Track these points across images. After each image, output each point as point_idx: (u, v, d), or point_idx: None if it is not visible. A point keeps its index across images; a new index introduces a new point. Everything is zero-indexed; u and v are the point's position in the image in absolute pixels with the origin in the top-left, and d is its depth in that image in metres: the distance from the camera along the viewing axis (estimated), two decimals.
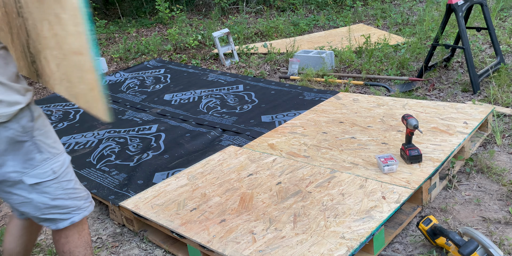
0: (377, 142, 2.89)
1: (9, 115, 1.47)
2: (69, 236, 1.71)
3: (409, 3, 7.94)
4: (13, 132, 1.48)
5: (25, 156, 1.53)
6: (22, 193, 1.57)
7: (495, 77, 3.95)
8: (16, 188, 1.56)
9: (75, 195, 1.68)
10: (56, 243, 1.73)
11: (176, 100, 4.27)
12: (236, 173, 2.72)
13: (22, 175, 1.54)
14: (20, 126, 1.50)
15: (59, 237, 1.71)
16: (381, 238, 2.10)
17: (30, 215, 1.65)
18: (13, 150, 1.50)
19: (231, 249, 2.02)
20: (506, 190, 2.52)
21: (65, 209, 1.66)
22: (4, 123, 1.46)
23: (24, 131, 1.52)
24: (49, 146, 1.60)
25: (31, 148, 1.54)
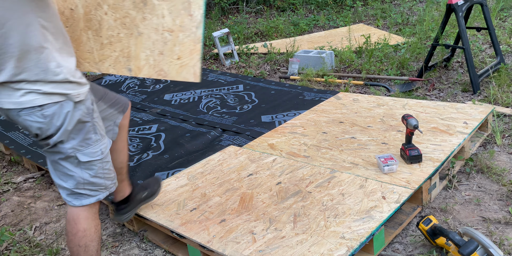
0: (377, 142, 2.89)
1: (85, 94, 1.68)
2: (87, 229, 1.80)
3: (409, 3, 7.94)
4: (81, 113, 1.66)
5: (84, 135, 1.70)
6: (69, 166, 1.72)
7: (495, 77, 3.96)
8: (67, 161, 1.71)
9: (108, 175, 1.84)
10: (74, 237, 1.79)
11: (176, 100, 4.27)
12: (236, 173, 2.72)
13: (77, 152, 1.69)
14: (86, 107, 1.69)
15: (76, 231, 1.79)
16: (381, 238, 2.10)
17: (63, 186, 1.77)
18: (77, 129, 1.67)
19: (231, 249, 2.02)
20: (506, 190, 2.52)
21: (96, 187, 1.80)
22: (77, 103, 1.64)
23: (88, 112, 1.70)
24: (101, 128, 1.79)
25: (90, 129, 1.71)
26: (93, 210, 1.85)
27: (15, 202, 3.05)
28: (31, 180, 3.32)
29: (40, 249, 2.51)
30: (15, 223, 2.81)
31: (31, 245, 2.54)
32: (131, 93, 4.64)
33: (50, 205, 2.96)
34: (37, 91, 1.58)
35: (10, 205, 3.02)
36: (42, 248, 2.51)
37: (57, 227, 2.72)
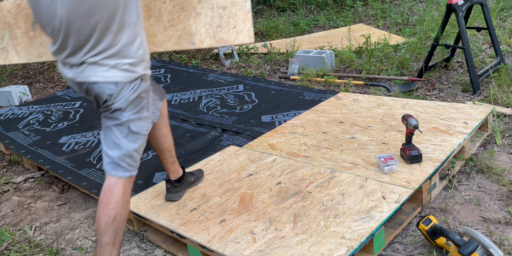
0: (377, 142, 2.89)
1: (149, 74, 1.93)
2: (119, 202, 1.92)
3: (409, 3, 7.94)
4: (142, 89, 1.87)
5: (139, 109, 1.90)
6: (119, 135, 1.91)
7: (495, 77, 3.96)
8: (119, 129, 1.90)
9: (140, 156, 2.03)
10: (106, 207, 1.90)
11: (176, 100, 4.27)
12: (236, 173, 2.72)
13: (130, 122, 1.89)
14: (146, 85, 1.90)
15: (110, 201, 1.91)
16: (381, 238, 2.10)
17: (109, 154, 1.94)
18: (136, 102, 1.87)
19: (231, 249, 2.02)
20: (506, 190, 2.52)
21: (133, 163, 1.99)
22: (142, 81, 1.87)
23: (146, 90, 1.91)
24: (151, 108, 2.00)
25: (144, 105, 1.92)
26: (129, 188, 1.99)
27: (15, 202, 3.05)
28: (31, 180, 3.32)
29: (40, 249, 2.51)
30: (15, 223, 2.81)
31: (31, 245, 2.54)
32: None
33: (50, 205, 2.96)
34: (119, 67, 1.79)
35: (10, 205, 3.03)
36: (42, 248, 2.51)
37: (57, 227, 2.72)
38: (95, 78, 1.80)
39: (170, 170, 2.43)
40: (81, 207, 2.90)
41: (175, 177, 2.46)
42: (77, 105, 4.46)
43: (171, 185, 2.47)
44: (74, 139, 3.61)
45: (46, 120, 4.10)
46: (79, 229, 2.66)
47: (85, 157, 3.25)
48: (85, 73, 1.80)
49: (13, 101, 4.97)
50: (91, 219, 2.75)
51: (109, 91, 1.81)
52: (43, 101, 4.71)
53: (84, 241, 2.54)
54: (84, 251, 2.44)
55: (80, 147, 3.44)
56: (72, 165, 3.15)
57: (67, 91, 4.94)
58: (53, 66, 6.53)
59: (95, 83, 1.80)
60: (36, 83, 5.84)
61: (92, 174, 2.99)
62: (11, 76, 6.31)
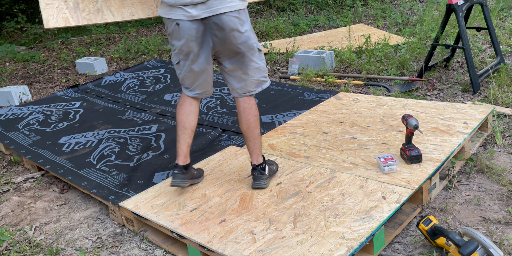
0: (377, 142, 2.89)
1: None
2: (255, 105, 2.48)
3: (409, 3, 7.94)
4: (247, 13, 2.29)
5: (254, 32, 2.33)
6: (256, 59, 2.35)
7: (495, 77, 3.95)
8: (254, 55, 2.32)
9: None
10: (250, 110, 2.45)
11: (176, 100, 4.27)
12: (236, 173, 2.72)
13: (257, 45, 2.32)
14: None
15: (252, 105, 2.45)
16: (381, 238, 2.10)
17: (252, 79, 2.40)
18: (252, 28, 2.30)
19: (231, 249, 2.02)
20: (506, 190, 2.52)
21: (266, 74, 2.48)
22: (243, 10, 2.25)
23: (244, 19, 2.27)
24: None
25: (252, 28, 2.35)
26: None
27: (15, 202, 3.05)
28: (31, 180, 3.32)
29: (40, 249, 2.51)
30: (15, 223, 2.81)
31: (31, 245, 2.54)
32: (131, 93, 4.64)
33: (50, 205, 2.96)
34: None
35: (10, 205, 3.03)
36: (42, 248, 2.51)
37: (57, 227, 2.72)
38: (224, 10, 2.15)
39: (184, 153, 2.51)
40: (81, 207, 2.90)
41: (184, 163, 2.50)
42: (77, 105, 4.46)
43: (178, 171, 2.48)
44: (74, 139, 3.61)
45: (46, 120, 4.10)
46: (79, 229, 2.66)
47: (85, 157, 3.25)
48: (213, 7, 2.14)
49: (13, 101, 4.97)
50: (91, 219, 2.75)
51: (236, 20, 2.18)
52: (43, 101, 4.71)
53: (84, 241, 2.54)
54: (84, 251, 2.44)
55: (80, 147, 3.44)
56: (72, 165, 3.15)
57: (67, 91, 4.94)
58: (53, 67, 6.53)
59: (223, 13, 2.15)
60: (36, 83, 5.84)
61: (92, 174, 2.99)
62: (11, 76, 6.31)
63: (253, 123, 2.46)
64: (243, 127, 2.48)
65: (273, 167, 2.62)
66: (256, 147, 2.50)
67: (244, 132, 2.49)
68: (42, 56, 7.18)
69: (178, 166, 2.48)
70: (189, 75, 2.42)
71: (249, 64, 2.34)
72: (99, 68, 5.88)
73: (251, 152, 2.51)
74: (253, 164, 2.51)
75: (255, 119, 2.47)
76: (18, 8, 9.45)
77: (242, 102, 2.45)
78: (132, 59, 6.43)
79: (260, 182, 2.49)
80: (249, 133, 2.47)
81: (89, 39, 8.04)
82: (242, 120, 2.47)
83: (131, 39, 7.75)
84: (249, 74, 2.37)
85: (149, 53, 6.52)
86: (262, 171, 2.50)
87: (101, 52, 7.07)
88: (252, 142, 2.48)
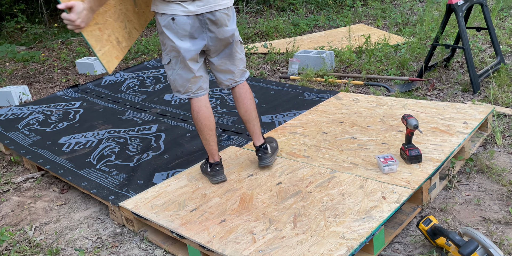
0: (377, 142, 2.89)
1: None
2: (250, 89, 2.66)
3: (409, 3, 7.94)
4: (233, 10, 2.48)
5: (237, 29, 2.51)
6: (239, 50, 2.55)
7: (495, 77, 3.95)
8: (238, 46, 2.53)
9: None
10: (247, 95, 2.63)
11: (176, 100, 4.27)
12: (236, 173, 2.72)
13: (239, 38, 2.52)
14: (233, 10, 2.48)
15: (249, 91, 2.65)
16: (381, 238, 2.10)
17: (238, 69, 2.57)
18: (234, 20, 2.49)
19: (231, 249, 2.02)
20: (506, 190, 2.52)
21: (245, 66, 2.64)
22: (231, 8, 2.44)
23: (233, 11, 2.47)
24: None
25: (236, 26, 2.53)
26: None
27: (15, 202, 3.05)
28: (31, 180, 3.32)
29: (40, 249, 2.51)
30: (15, 223, 2.81)
31: (31, 245, 2.54)
32: (131, 93, 4.64)
33: (50, 205, 2.96)
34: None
35: (10, 205, 3.03)
36: (42, 248, 2.51)
37: (57, 227, 2.72)
38: (218, 7, 2.33)
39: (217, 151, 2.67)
40: (81, 207, 2.90)
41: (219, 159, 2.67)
42: (77, 105, 4.46)
43: (220, 167, 2.64)
44: (74, 139, 3.61)
45: (46, 120, 4.10)
46: (79, 229, 2.66)
47: (85, 157, 3.25)
48: (209, 4, 2.31)
49: (13, 101, 4.97)
50: (91, 219, 2.75)
51: (225, 16, 2.37)
52: (43, 101, 4.71)
53: (84, 241, 2.54)
54: (84, 251, 2.44)
55: (80, 147, 3.44)
56: (72, 165, 3.15)
57: (67, 91, 4.94)
58: (52, 67, 6.53)
59: (217, 10, 2.33)
60: (36, 83, 5.84)
61: (92, 174, 2.99)
62: (11, 76, 6.30)
63: (250, 106, 2.64)
64: (241, 111, 2.65)
65: (274, 145, 2.80)
66: (256, 128, 2.68)
67: (242, 116, 2.66)
68: (42, 56, 7.18)
69: (218, 163, 2.65)
70: (181, 73, 2.44)
71: (235, 55, 2.53)
72: (99, 68, 5.88)
73: (252, 133, 2.70)
74: (256, 145, 2.70)
75: (251, 102, 2.65)
76: (18, 8, 9.45)
77: (237, 88, 2.63)
78: (132, 59, 6.43)
79: (265, 161, 2.66)
80: (247, 116, 2.65)
81: None
82: (239, 105, 2.65)
83: None
84: (236, 65, 2.56)
85: (149, 53, 6.52)
86: (265, 150, 2.67)
87: None
88: (251, 124, 2.67)
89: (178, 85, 2.49)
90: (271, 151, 2.72)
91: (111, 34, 2.38)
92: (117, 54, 2.43)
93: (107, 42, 2.37)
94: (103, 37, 2.35)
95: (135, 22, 2.57)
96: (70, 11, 2.11)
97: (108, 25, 2.37)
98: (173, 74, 2.46)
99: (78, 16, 2.13)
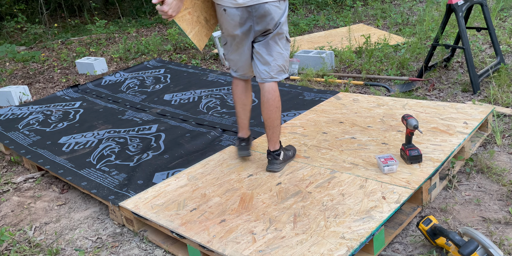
0: (377, 142, 2.89)
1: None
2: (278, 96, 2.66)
3: (409, 3, 7.94)
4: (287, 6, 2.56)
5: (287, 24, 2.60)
6: (282, 45, 2.60)
7: (495, 77, 3.95)
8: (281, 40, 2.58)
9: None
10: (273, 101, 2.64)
11: (176, 100, 4.27)
12: (236, 173, 2.72)
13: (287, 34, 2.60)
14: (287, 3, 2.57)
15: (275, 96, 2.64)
16: (381, 238, 2.10)
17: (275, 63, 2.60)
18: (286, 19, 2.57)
19: (231, 249, 2.02)
20: (506, 190, 2.52)
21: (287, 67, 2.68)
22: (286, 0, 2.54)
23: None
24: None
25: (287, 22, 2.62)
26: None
27: (15, 202, 3.05)
28: (31, 180, 3.32)
29: (40, 249, 2.51)
30: (15, 223, 2.81)
31: (31, 245, 2.54)
32: (131, 93, 4.64)
33: (50, 205, 2.96)
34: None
35: (10, 205, 3.03)
36: (42, 248, 2.51)
37: (57, 227, 2.72)
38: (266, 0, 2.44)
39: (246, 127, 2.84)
40: (81, 207, 2.90)
41: (246, 135, 2.84)
42: (77, 105, 4.46)
43: (245, 143, 2.80)
44: (74, 139, 3.62)
45: (46, 120, 4.10)
46: (79, 229, 2.66)
47: (85, 157, 3.25)
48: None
49: (13, 101, 4.97)
50: (91, 219, 2.75)
51: (275, 8, 2.46)
52: (43, 101, 4.71)
53: (84, 241, 2.54)
54: (84, 251, 2.44)
55: (80, 147, 3.44)
56: (72, 165, 3.15)
57: (67, 91, 4.94)
58: (53, 67, 6.53)
59: (266, 3, 2.43)
60: (36, 83, 5.84)
61: (92, 174, 2.99)
62: (11, 76, 6.31)
63: (274, 114, 2.66)
64: (264, 116, 2.68)
65: (289, 153, 2.79)
66: (274, 136, 2.70)
67: (264, 120, 2.69)
68: (42, 56, 7.18)
69: (243, 138, 2.81)
70: (232, 57, 2.72)
71: (274, 46, 2.58)
72: (99, 68, 5.88)
73: (269, 139, 2.72)
74: (268, 149, 2.72)
75: (277, 110, 2.66)
76: (18, 8, 9.45)
77: (267, 93, 2.65)
78: (132, 59, 6.43)
79: (273, 166, 2.69)
80: (269, 122, 2.68)
81: (89, 39, 8.04)
82: (264, 110, 2.67)
83: (131, 39, 7.75)
84: (273, 56, 2.59)
85: (149, 53, 6.52)
86: (277, 156, 2.69)
87: (101, 52, 7.07)
88: (271, 131, 2.69)
89: (231, 64, 2.77)
90: (283, 158, 2.72)
91: (200, 15, 2.65)
92: (206, 32, 2.72)
93: (196, 23, 2.63)
94: (193, 20, 2.60)
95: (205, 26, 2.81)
96: (163, 4, 2.33)
97: (197, 8, 2.62)
98: (227, 55, 2.77)
99: (169, 7, 2.33)
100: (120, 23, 9.34)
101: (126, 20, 9.61)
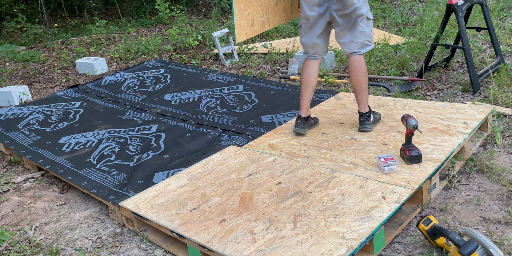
0: (377, 142, 2.89)
1: None
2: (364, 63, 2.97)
3: (409, 3, 7.94)
4: None
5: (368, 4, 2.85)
6: (363, 25, 2.88)
7: (495, 77, 3.96)
8: (362, 21, 2.86)
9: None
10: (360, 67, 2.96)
11: (176, 100, 4.27)
12: (236, 173, 2.72)
13: (367, 13, 2.86)
14: None
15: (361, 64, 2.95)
16: (381, 238, 2.11)
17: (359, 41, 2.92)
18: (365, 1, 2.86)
19: (231, 249, 2.02)
20: (506, 190, 2.52)
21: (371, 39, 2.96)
22: None
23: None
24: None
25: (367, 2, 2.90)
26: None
27: (15, 202, 3.05)
28: (31, 180, 3.32)
29: (40, 249, 2.51)
30: (15, 223, 2.81)
31: (31, 245, 2.54)
32: (131, 93, 4.64)
33: (50, 205, 2.96)
34: None
35: (10, 205, 3.03)
36: (42, 248, 2.51)
37: (57, 227, 2.72)
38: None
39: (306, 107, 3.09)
40: (81, 207, 2.90)
41: (305, 115, 3.09)
42: (77, 105, 4.46)
43: (301, 121, 3.07)
44: (74, 139, 3.62)
45: (46, 120, 4.10)
46: (79, 229, 2.66)
47: (85, 157, 3.25)
48: None
49: (13, 101, 4.97)
50: (91, 219, 2.75)
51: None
52: (43, 101, 4.71)
53: (84, 241, 2.54)
54: (84, 251, 2.44)
55: (80, 147, 3.44)
56: (72, 165, 3.15)
57: (67, 91, 4.94)
58: (53, 67, 6.54)
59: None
60: (36, 83, 5.83)
61: (92, 174, 3.00)
62: (11, 76, 6.31)
63: (362, 78, 2.98)
64: (353, 82, 3.00)
65: (377, 116, 3.13)
66: (364, 99, 3.02)
67: (353, 85, 3.02)
68: (42, 56, 7.18)
69: (301, 117, 3.08)
70: (303, 40, 3.01)
71: (356, 27, 2.87)
72: (99, 68, 5.88)
73: (358, 102, 3.04)
74: (360, 111, 3.03)
75: (364, 75, 2.98)
76: (18, 8, 9.45)
77: (353, 61, 2.96)
78: (132, 59, 6.43)
79: (365, 126, 3.00)
80: (358, 86, 2.99)
81: (89, 39, 8.04)
82: (352, 76, 3.00)
83: (131, 39, 7.75)
84: (356, 37, 2.90)
85: (149, 53, 6.52)
86: (368, 117, 3.01)
87: (101, 52, 7.07)
88: (360, 94, 3.02)
89: (304, 47, 3.06)
90: (373, 120, 3.05)
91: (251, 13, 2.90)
92: (247, 31, 2.95)
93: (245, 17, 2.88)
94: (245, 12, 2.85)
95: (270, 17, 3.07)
96: None
97: (251, 5, 2.88)
98: (300, 37, 3.04)
99: None
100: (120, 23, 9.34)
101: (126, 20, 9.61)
